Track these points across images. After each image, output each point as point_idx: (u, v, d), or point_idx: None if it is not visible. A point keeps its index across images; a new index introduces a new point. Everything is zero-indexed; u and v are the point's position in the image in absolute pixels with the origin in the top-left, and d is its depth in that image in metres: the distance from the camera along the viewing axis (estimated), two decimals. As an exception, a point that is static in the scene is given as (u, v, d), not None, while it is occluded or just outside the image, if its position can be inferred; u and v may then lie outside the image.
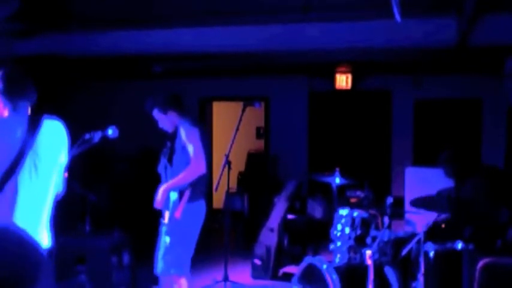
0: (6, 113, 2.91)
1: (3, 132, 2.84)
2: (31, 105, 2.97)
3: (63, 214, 3.22)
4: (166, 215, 4.14)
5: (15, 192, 2.81)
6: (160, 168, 4.34)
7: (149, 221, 5.20)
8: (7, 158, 2.79)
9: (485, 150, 7.90)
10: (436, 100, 8.46)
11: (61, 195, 3.07)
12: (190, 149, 4.04)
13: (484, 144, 8.13)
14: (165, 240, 4.12)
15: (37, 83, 3.10)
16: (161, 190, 4.12)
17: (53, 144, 2.97)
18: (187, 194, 4.10)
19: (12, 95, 2.90)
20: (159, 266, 4.14)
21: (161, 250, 4.14)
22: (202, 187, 4.22)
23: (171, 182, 4.11)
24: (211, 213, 4.37)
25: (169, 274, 4.15)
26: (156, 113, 4.30)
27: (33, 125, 2.88)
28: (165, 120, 4.29)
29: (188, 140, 4.07)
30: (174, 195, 4.10)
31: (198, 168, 4.03)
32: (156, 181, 4.44)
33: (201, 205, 4.22)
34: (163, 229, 4.15)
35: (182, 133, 4.11)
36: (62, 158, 3.03)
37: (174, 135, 4.26)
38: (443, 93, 8.39)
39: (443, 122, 8.43)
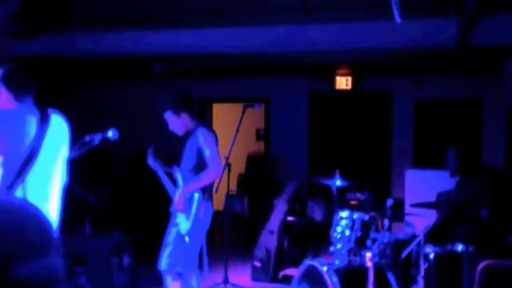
0: (13, 105, 3.05)
1: (15, 122, 2.98)
2: (32, 96, 3.11)
3: (63, 215, 3.24)
4: (183, 216, 4.15)
5: (26, 183, 2.92)
6: (150, 161, 4.39)
7: (150, 222, 5.20)
8: (21, 148, 2.91)
9: (485, 150, 7.89)
10: (436, 100, 8.45)
11: (65, 186, 3.18)
12: (207, 152, 4.11)
13: (484, 144, 8.11)
14: (170, 238, 4.16)
15: (37, 83, 3.17)
16: (179, 193, 4.15)
17: (59, 136, 3.10)
18: (206, 193, 4.20)
19: (17, 90, 3.04)
20: (165, 262, 4.15)
21: (169, 247, 4.16)
22: (210, 190, 4.31)
23: (189, 186, 4.16)
24: (212, 215, 4.39)
25: (174, 271, 4.17)
26: (169, 115, 4.30)
27: (44, 118, 3.03)
28: (177, 123, 4.29)
29: (206, 144, 4.14)
30: (196, 194, 4.15)
31: (217, 172, 4.15)
32: (156, 181, 4.44)
33: (210, 206, 4.30)
34: (179, 228, 4.15)
35: (200, 136, 4.16)
36: (66, 150, 3.16)
37: (185, 138, 4.29)
38: (443, 93, 8.38)
39: (443, 122, 8.42)
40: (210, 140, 4.17)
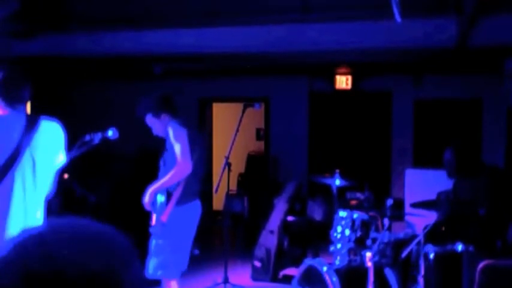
0: (5, 112, 2.99)
1: (3, 128, 2.91)
2: (26, 103, 3.05)
3: (63, 215, 3.24)
4: (154, 217, 4.10)
5: (10, 189, 2.86)
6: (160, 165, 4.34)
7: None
8: (3, 154, 2.85)
9: (485, 150, 7.89)
10: (436, 100, 8.45)
11: (51, 195, 3.11)
12: (177, 148, 3.95)
13: (484, 144, 8.12)
14: (152, 242, 4.08)
15: (37, 83, 3.14)
16: (148, 192, 4.05)
17: (50, 144, 3.03)
18: (175, 196, 4.01)
19: (10, 98, 2.97)
20: (148, 267, 4.08)
21: (150, 252, 4.10)
22: (195, 187, 4.17)
23: (157, 184, 4.04)
24: (211, 215, 4.36)
25: (157, 276, 4.09)
26: (150, 119, 4.22)
27: (31, 124, 2.95)
28: (158, 125, 4.19)
29: (175, 139, 3.98)
30: (161, 198, 4.02)
31: (184, 168, 3.94)
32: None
33: (193, 207, 4.15)
34: (152, 231, 4.11)
35: (170, 132, 4.03)
36: (59, 158, 3.08)
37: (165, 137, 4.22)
38: (443, 93, 8.38)
39: (443, 122, 8.42)
40: (180, 135, 3.99)
